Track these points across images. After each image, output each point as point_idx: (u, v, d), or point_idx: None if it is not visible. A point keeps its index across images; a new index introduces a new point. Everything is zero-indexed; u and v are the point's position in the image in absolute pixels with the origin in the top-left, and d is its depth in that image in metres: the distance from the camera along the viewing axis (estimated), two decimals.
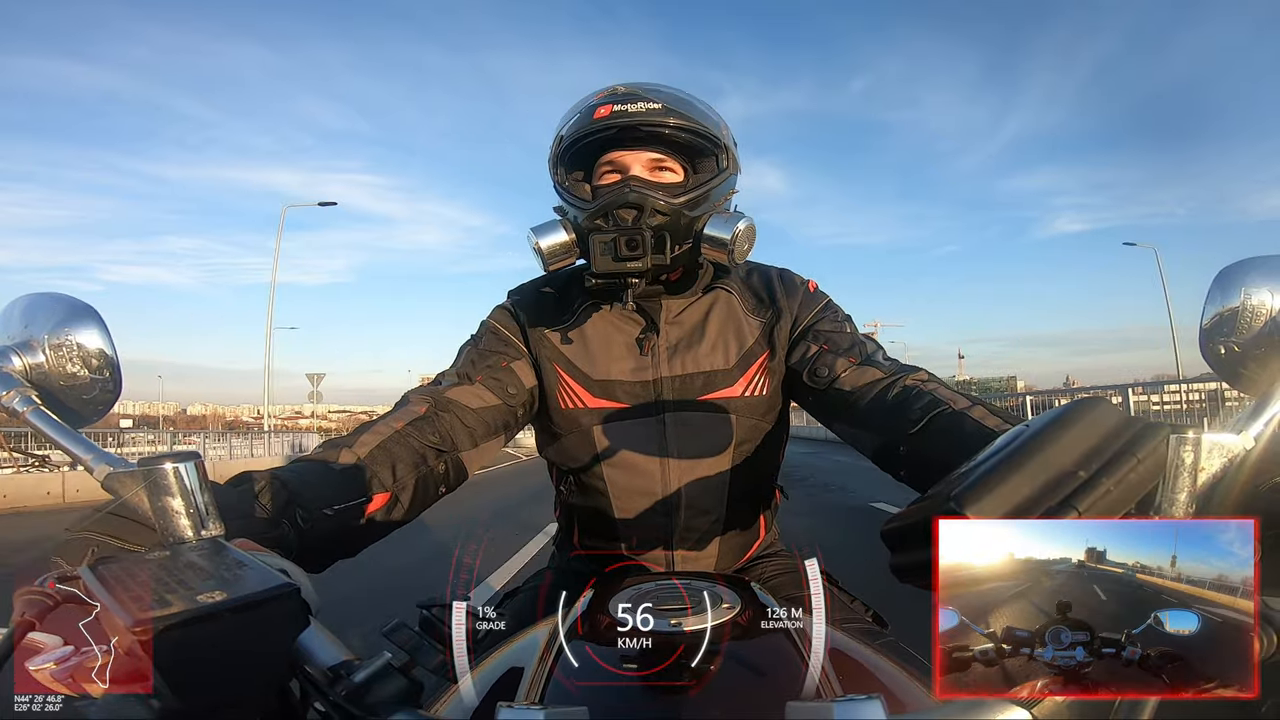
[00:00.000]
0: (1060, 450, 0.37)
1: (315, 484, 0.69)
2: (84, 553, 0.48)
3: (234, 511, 0.55)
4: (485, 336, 0.98)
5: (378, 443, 0.78)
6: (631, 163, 0.90)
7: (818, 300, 0.98)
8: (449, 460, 0.85)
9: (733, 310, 0.97)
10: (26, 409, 0.54)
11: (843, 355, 0.89)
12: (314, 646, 0.42)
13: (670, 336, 0.95)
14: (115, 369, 0.59)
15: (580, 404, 0.94)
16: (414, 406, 0.86)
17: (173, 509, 0.45)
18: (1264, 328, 0.53)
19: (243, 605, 0.37)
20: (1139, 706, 0.37)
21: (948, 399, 0.76)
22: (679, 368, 0.93)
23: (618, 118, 0.87)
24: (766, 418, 0.95)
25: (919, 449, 0.74)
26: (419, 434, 0.82)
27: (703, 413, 0.92)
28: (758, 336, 0.95)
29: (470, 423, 0.89)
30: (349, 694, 0.40)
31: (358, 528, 0.73)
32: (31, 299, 0.59)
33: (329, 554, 0.69)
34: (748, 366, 0.94)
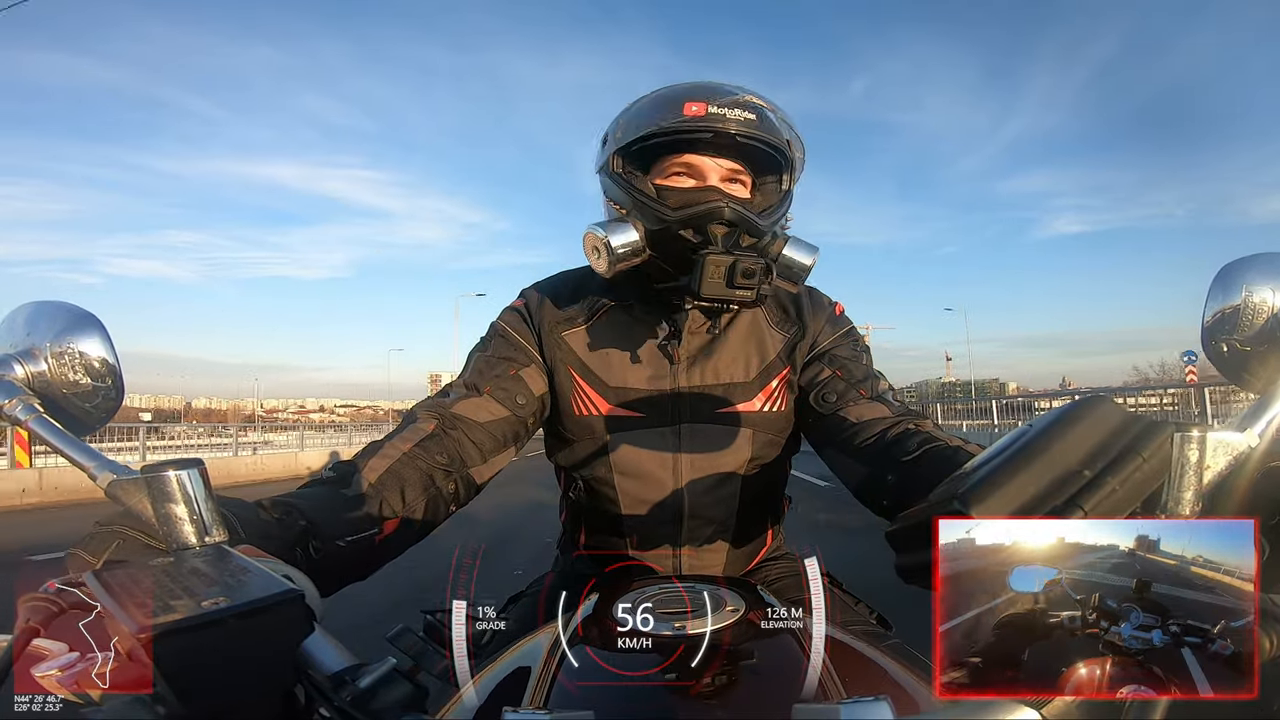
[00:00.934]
0: (1065, 449, 0.37)
1: (328, 513, 0.68)
2: (108, 546, 0.48)
3: (252, 535, 0.55)
4: (495, 341, 0.95)
5: (386, 467, 0.76)
6: (710, 170, 0.86)
7: (841, 325, 0.96)
8: (458, 479, 0.83)
9: (756, 322, 0.94)
10: (29, 417, 0.54)
11: (854, 386, 0.88)
12: (318, 652, 0.42)
13: (691, 345, 0.92)
14: (117, 377, 0.59)
15: (595, 411, 0.92)
16: (421, 424, 0.83)
17: (176, 515, 0.45)
18: (1266, 325, 0.53)
19: (247, 611, 0.37)
20: (1150, 707, 0.36)
21: (944, 439, 0.75)
22: (698, 378, 0.91)
23: (713, 121, 0.82)
24: (783, 434, 0.94)
25: (910, 477, 0.73)
26: (427, 455, 0.80)
27: (719, 426, 0.90)
28: (780, 351, 0.93)
29: (478, 438, 0.86)
30: (354, 699, 0.40)
31: (369, 553, 0.72)
32: (34, 307, 0.59)
33: (340, 579, 0.69)
34: (768, 380, 0.92)
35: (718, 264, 0.79)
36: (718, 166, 0.86)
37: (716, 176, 0.86)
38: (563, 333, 0.94)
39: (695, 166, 0.86)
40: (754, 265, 0.79)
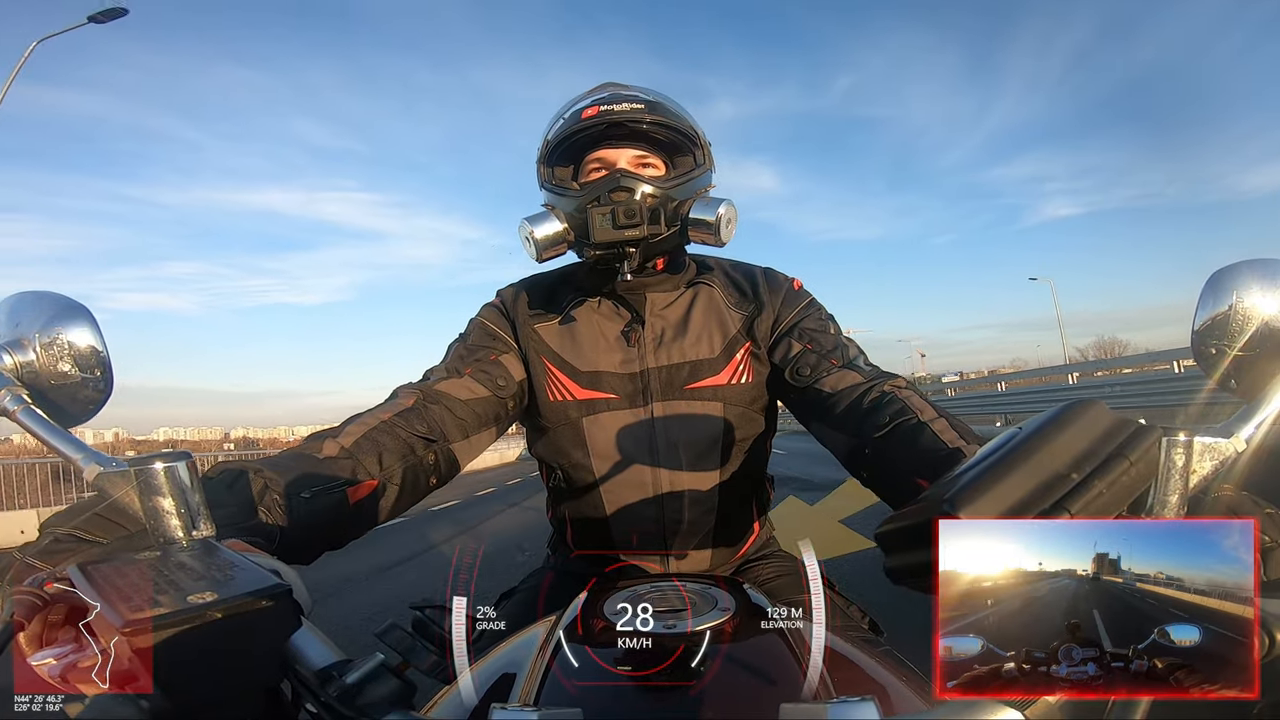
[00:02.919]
0: (1053, 453, 0.37)
1: (293, 473, 0.68)
2: (54, 549, 0.47)
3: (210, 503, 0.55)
4: (474, 332, 1.00)
5: (363, 433, 0.79)
6: (617, 159, 0.94)
7: (801, 298, 0.99)
8: (439, 451, 0.86)
9: (715, 303, 0.99)
10: (17, 408, 0.53)
11: (825, 357, 0.91)
12: (306, 647, 0.42)
13: (656, 328, 0.96)
14: (107, 368, 0.58)
15: (568, 396, 0.95)
16: (402, 399, 0.86)
17: (164, 509, 0.45)
18: (1256, 331, 0.53)
19: (234, 606, 0.37)
20: (1131, 706, 0.37)
21: (916, 408, 0.77)
22: (665, 358, 0.95)
23: (604, 116, 0.91)
24: (753, 406, 0.96)
25: (880, 453, 0.76)
26: (407, 424, 0.83)
27: (690, 401, 0.93)
28: (740, 327, 0.97)
29: (460, 414, 0.89)
30: (341, 695, 0.40)
31: (344, 517, 0.72)
32: (20, 297, 0.58)
33: (313, 545, 0.69)
34: (732, 354, 0.95)
35: (601, 212, 0.88)
36: (624, 154, 0.94)
37: (624, 162, 0.94)
38: (535, 325, 0.99)
39: (604, 159, 0.94)
40: (633, 205, 0.87)
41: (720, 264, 1.05)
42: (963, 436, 0.71)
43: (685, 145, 0.95)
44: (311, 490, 0.68)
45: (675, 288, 0.99)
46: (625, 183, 0.89)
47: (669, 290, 0.98)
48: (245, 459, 0.68)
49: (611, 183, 0.90)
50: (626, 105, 0.91)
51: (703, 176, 0.96)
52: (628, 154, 0.94)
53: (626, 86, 0.97)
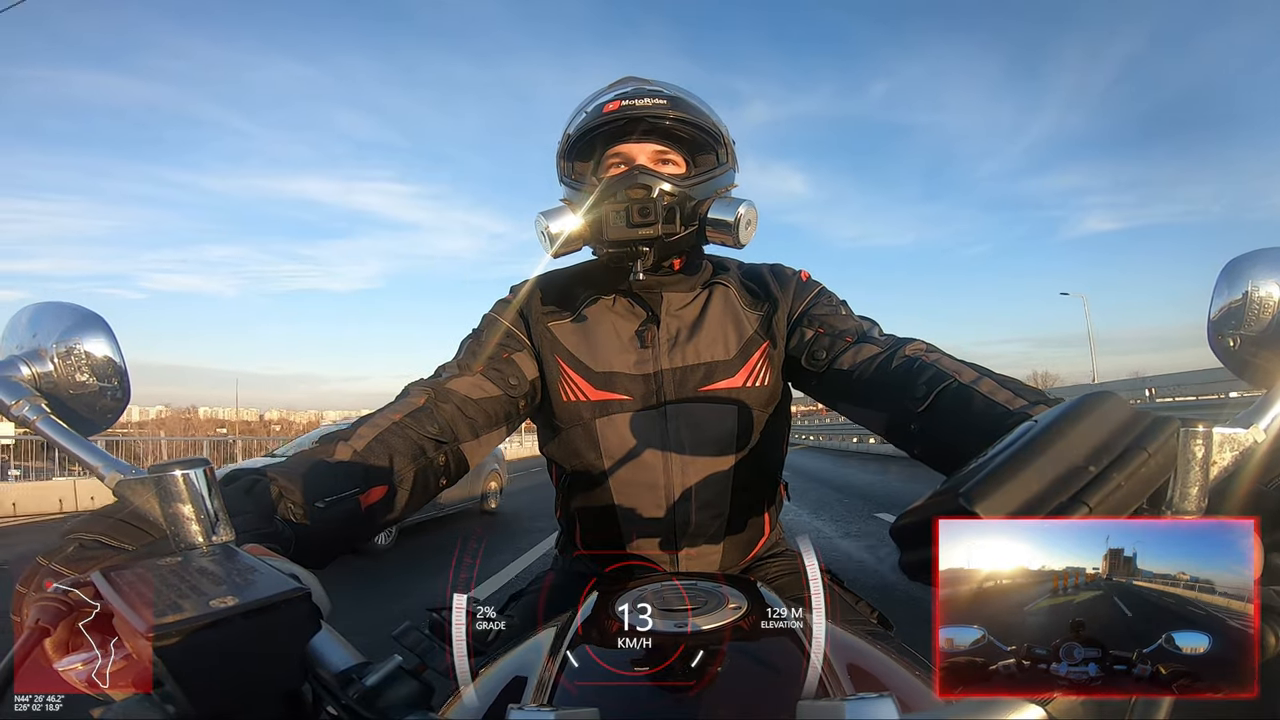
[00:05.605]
0: (1070, 445, 0.37)
1: (308, 479, 0.69)
2: (78, 556, 0.48)
3: (229, 509, 0.55)
4: (486, 329, 0.99)
5: (375, 435, 0.78)
6: (637, 154, 0.92)
7: (811, 288, 0.98)
8: (449, 451, 0.85)
9: (730, 303, 0.98)
10: (36, 417, 0.54)
11: (839, 337, 0.90)
12: (325, 650, 0.42)
13: (670, 328, 0.96)
14: (123, 377, 0.59)
15: (582, 396, 0.94)
16: (413, 398, 0.86)
17: (184, 515, 0.45)
18: (1272, 319, 0.52)
19: (254, 610, 0.37)
20: (1154, 705, 0.36)
21: (952, 370, 0.75)
22: (679, 359, 0.94)
23: (625, 111, 0.90)
24: (768, 409, 0.95)
25: (929, 428, 0.73)
26: (417, 425, 0.82)
27: (704, 404, 0.93)
28: (757, 327, 0.96)
29: (471, 413, 0.89)
30: (361, 697, 0.40)
31: (356, 521, 0.73)
32: (38, 308, 0.59)
33: (328, 549, 0.69)
34: (748, 356, 0.94)
35: (616, 209, 0.88)
36: (644, 150, 0.93)
37: (644, 158, 0.93)
38: (549, 323, 0.98)
39: (624, 154, 0.93)
40: (649, 203, 0.86)
41: (733, 265, 1.04)
42: (1017, 394, 0.69)
43: (707, 142, 0.94)
44: (326, 499, 0.69)
45: (692, 288, 0.98)
46: (642, 179, 0.88)
47: (685, 290, 0.98)
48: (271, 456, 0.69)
49: (628, 179, 0.89)
50: (648, 100, 0.90)
51: (724, 175, 0.95)
52: (648, 150, 0.93)
53: (649, 81, 0.95)
